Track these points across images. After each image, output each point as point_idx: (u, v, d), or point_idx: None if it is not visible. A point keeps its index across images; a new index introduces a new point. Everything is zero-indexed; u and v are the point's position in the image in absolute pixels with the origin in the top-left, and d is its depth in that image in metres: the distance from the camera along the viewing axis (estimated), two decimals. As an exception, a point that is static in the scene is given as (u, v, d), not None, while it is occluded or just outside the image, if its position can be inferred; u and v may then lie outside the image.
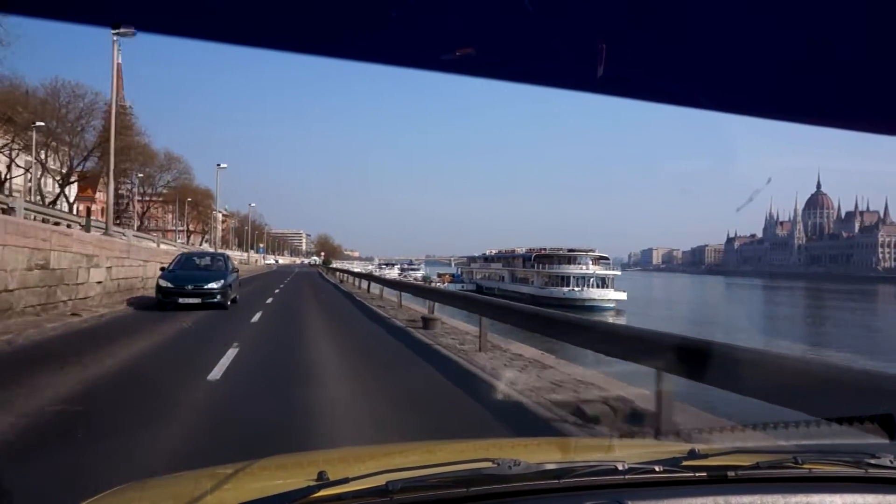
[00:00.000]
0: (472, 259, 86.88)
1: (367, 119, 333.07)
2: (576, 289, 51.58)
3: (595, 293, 50.59)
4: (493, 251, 77.16)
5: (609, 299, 49.56)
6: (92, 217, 26.60)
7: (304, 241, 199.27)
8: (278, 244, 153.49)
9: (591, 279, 52.87)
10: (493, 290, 56.74)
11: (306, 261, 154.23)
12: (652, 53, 0.92)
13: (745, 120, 1.11)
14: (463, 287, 62.53)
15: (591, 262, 54.83)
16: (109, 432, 4.63)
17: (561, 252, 56.70)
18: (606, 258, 57.24)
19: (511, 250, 68.47)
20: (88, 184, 55.77)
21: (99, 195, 57.69)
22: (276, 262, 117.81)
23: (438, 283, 61.01)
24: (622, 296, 50.62)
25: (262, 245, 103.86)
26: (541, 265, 56.75)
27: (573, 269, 54.29)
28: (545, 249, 58.40)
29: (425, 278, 71.32)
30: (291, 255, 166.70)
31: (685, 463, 1.28)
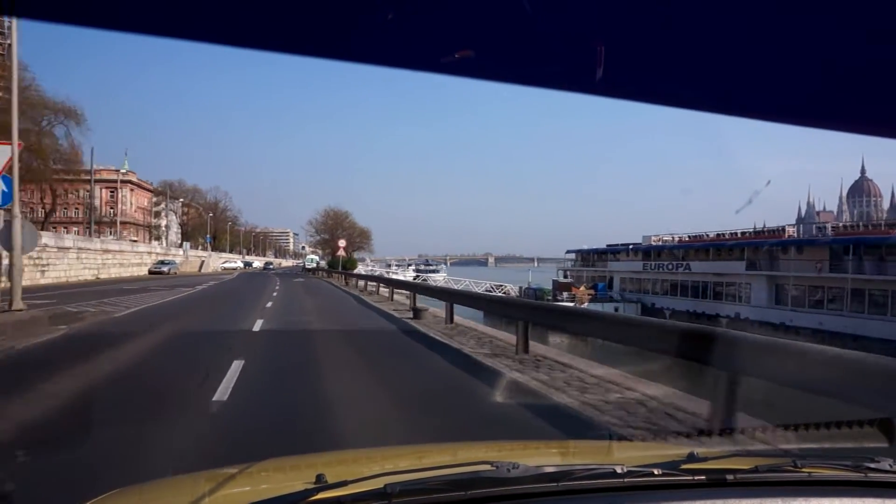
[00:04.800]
0: (593, 253, 48.20)
1: (353, 117, 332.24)
2: None
3: None
4: (667, 237, 43.32)
5: None
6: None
7: (291, 240, 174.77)
8: (255, 242, 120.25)
9: None
10: (718, 319, 27.55)
11: (293, 263, 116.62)
12: (652, 55, 0.92)
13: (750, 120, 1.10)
14: (619, 309, 34.40)
15: None
16: None
17: None
18: None
19: (754, 233, 36.17)
20: None
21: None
22: (247, 265, 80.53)
23: (566, 303, 31.23)
24: None
25: (160, 218, 65.87)
26: None
27: None
28: None
29: (540, 291, 38.73)
30: (277, 256, 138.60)
31: (684, 466, 1.28)
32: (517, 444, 2.64)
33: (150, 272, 45.79)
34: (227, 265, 73.39)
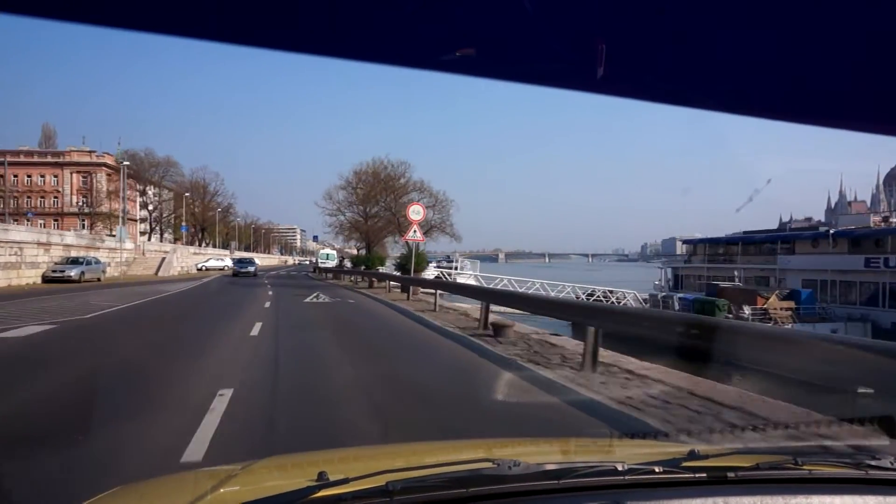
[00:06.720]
0: (734, 243, 33.45)
1: (353, 113, 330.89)
2: None
3: None
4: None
5: None
6: None
7: (298, 236, 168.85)
8: (256, 237, 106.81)
9: None
10: None
11: (297, 261, 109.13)
12: (654, 53, 0.92)
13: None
14: (838, 331, 21.63)
15: None
16: None
17: None
18: None
19: None
20: None
21: None
22: (238, 266, 45.73)
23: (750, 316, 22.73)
24: None
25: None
26: None
27: None
28: None
29: (708, 304, 23.73)
30: (283, 253, 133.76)
31: (685, 464, 1.28)
32: (519, 441, 2.64)
33: (46, 278, 29.60)
34: (208, 264, 53.95)
